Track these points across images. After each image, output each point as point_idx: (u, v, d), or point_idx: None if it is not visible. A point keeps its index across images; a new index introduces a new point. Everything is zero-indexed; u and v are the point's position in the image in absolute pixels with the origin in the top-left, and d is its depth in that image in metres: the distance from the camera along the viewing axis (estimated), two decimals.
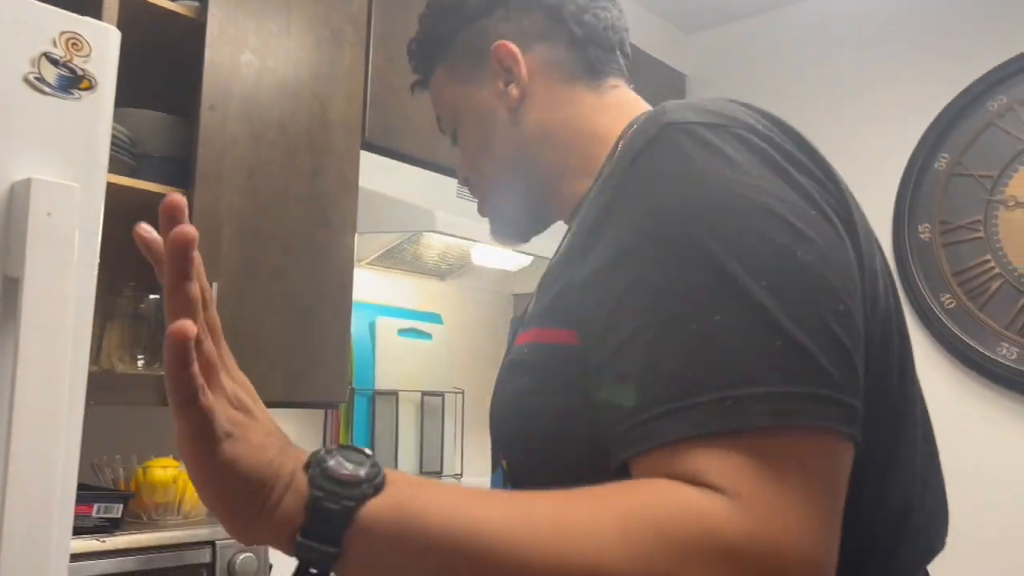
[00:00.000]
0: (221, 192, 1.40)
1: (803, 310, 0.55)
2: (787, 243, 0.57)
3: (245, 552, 1.36)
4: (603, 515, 0.51)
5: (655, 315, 0.56)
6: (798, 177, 0.61)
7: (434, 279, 2.21)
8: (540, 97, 0.82)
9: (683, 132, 0.61)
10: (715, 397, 0.52)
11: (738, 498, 0.50)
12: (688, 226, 0.57)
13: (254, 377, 1.57)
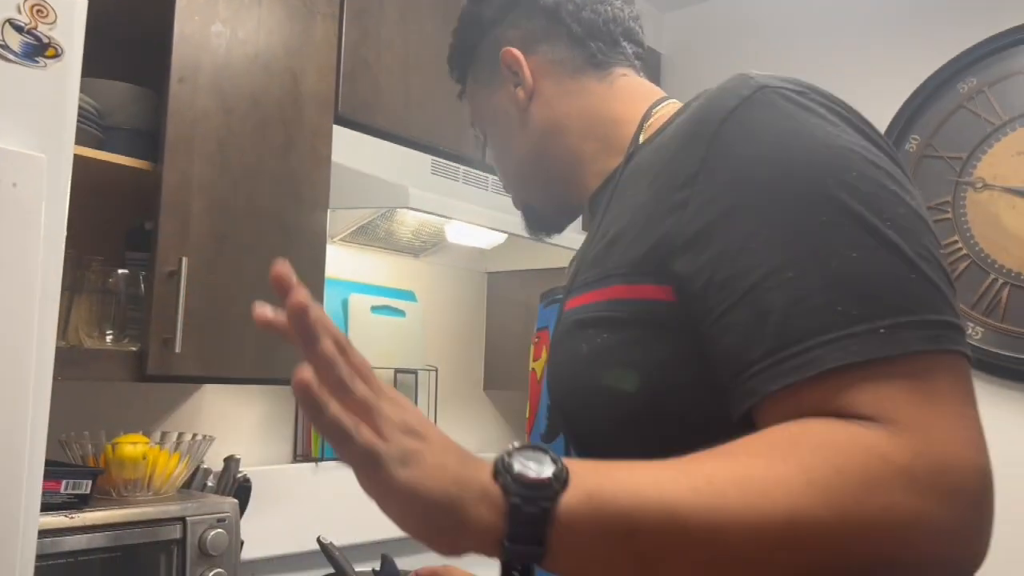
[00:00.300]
0: (191, 166, 1.38)
1: (922, 248, 0.59)
2: (896, 190, 0.61)
3: (216, 528, 1.35)
4: (781, 466, 0.53)
5: (790, 256, 0.58)
6: (884, 145, 0.65)
7: (408, 256, 2.20)
8: (548, 95, 0.87)
9: (777, 94, 0.65)
10: (868, 327, 0.55)
11: (898, 424, 0.53)
12: (808, 172, 0.60)
13: (225, 354, 1.56)
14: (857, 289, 0.57)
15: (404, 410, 0.54)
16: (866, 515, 0.51)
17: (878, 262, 0.57)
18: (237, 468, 1.62)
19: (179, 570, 1.32)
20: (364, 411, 0.52)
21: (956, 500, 0.53)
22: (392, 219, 1.90)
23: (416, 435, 0.53)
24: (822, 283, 0.57)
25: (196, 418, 1.74)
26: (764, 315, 0.58)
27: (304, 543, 1.80)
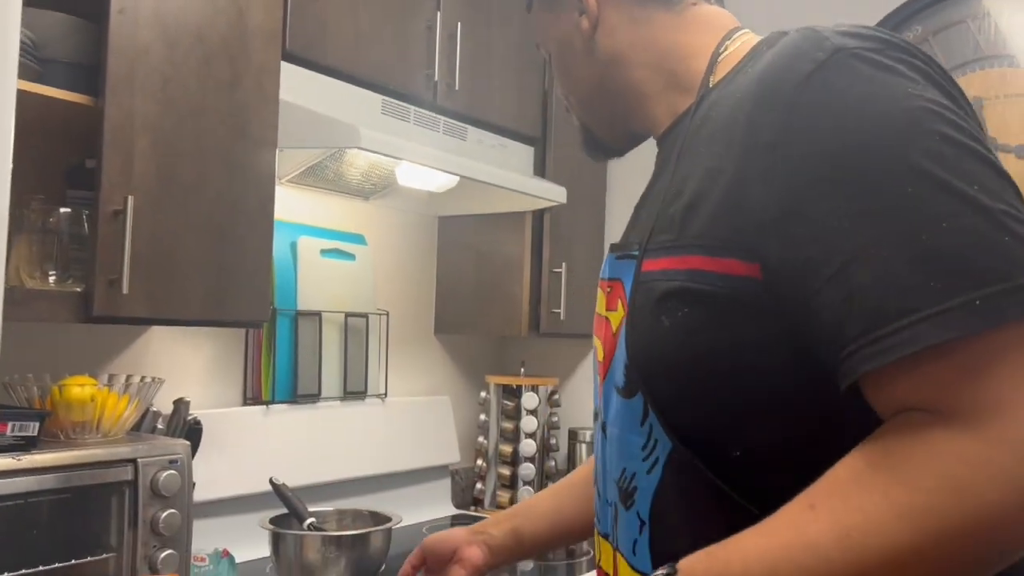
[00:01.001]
0: (134, 103, 1.34)
1: (1011, 208, 0.58)
2: (979, 149, 0.60)
3: (168, 469, 1.35)
4: (867, 498, 0.56)
5: (880, 233, 0.58)
6: (960, 99, 0.65)
7: (358, 199, 2.18)
8: (613, 23, 0.86)
9: (855, 57, 0.63)
10: (964, 299, 0.55)
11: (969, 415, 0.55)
12: (891, 142, 0.60)
13: (172, 295, 1.54)
14: (950, 262, 0.57)
15: None
16: (956, 528, 0.54)
17: (969, 231, 0.57)
18: (187, 411, 1.61)
19: (131, 511, 1.32)
20: None
21: None
22: (342, 160, 1.87)
23: None
24: (914, 258, 0.57)
25: (144, 360, 1.72)
26: (857, 294, 0.58)
27: (255, 485, 1.81)
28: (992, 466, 0.54)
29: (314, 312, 1.99)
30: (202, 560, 1.44)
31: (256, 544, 1.80)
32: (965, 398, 0.56)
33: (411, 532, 2.07)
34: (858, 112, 0.61)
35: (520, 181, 2.00)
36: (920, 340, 0.56)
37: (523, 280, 2.25)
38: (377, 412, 2.13)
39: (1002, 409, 0.55)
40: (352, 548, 1.56)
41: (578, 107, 0.94)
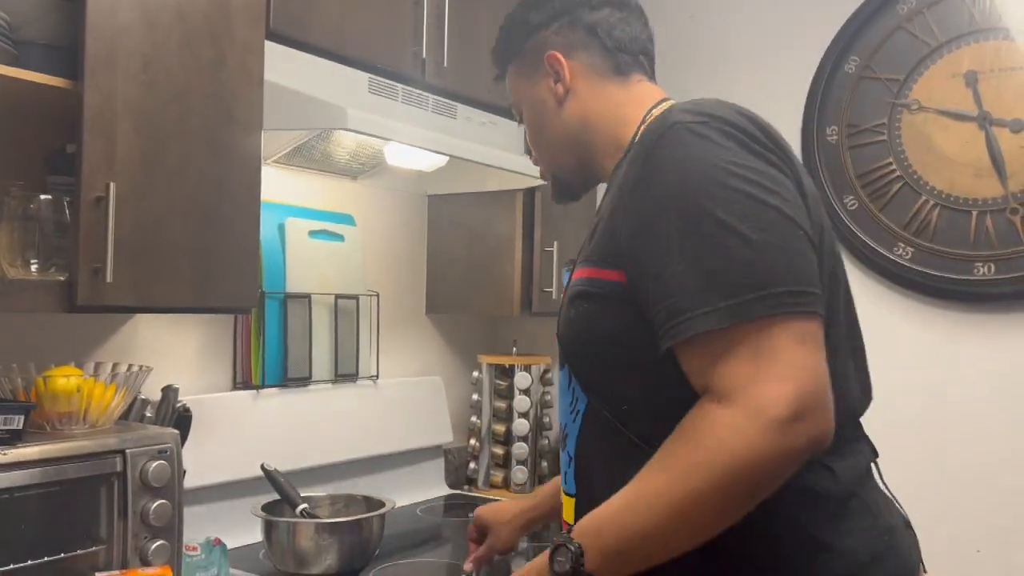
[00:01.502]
0: (114, 85, 1.30)
1: (776, 237, 0.85)
2: (760, 195, 0.86)
3: (157, 460, 1.33)
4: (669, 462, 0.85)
5: (680, 257, 0.86)
6: (765, 154, 0.90)
7: (346, 179, 2.14)
8: (581, 93, 1.13)
9: (683, 128, 0.90)
10: (724, 304, 0.83)
11: (726, 392, 0.82)
12: (691, 192, 0.87)
13: (158, 282, 1.51)
14: (721, 277, 0.84)
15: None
16: (720, 474, 0.80)
17: (737, 257, 0.84)
18: (176, 398, 1.58)
19: (121, 503, 1.30)
20: None
21: (772, 426, 0.79)
22: (329, 140, 1.84)
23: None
24: (699, 274, 0.85)
25: (131, 348, 1.69)
26: (664, 296, 0.87)
27: (247, 470, 1.79)
28: (738, 428, 0.80)
29: (303, 295, 1.96)
30: (194, 550, 1.42)
31: (248, 530, 1.78)
32: (723, 375, 0.83)
33: (405, 513, 2.06)
34: (677, 169, 0.89)
35: (511, 159, 1.97)
36: (693, 329, 0.84)
37: (514, 259, 2.23)
38: (369, 394, 2.11)
39: (745, 384, 0.81)
40: (346, 534, 1.55)
41: (547, 158, 1.20)
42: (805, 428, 0.80)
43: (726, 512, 0.83)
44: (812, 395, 0.81)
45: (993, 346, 1.97)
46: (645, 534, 0.85)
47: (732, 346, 0.82)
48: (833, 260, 0.96)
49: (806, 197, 0.92)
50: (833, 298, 0.94)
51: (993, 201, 1.96)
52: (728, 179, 0.86)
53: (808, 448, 0.81)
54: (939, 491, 2.01)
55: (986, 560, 1.96)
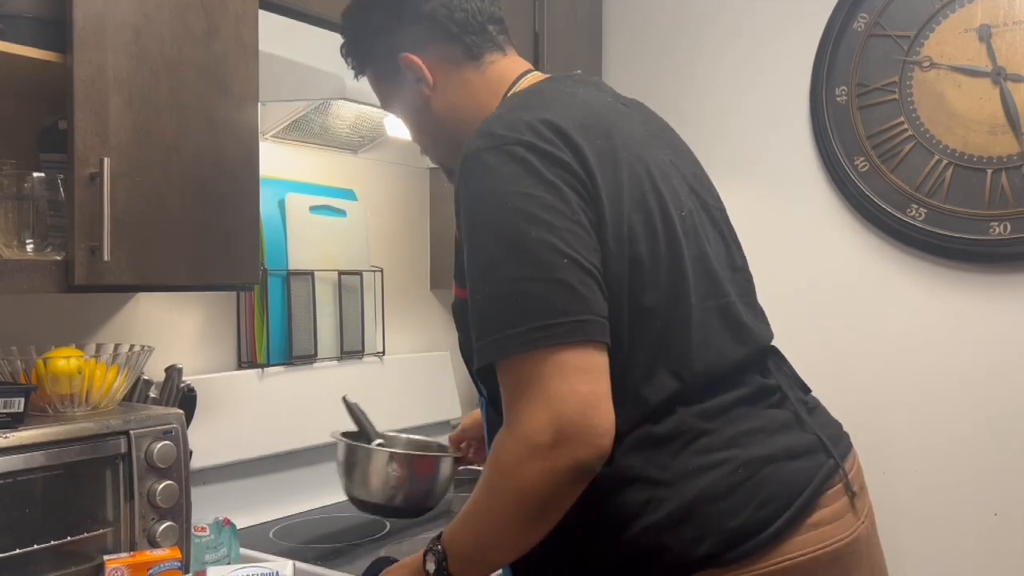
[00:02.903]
0: (104, 57, 1.26)
1: (537, 271, 0.90)
2: (525, 227, 0.91)
3: (163, 440, 1.31)
4: (482, 478, 0.96)
5: (473, 288, 0.94)
6: (546, 173, 0.93)
7: (346, 153, 2.10)
8: (442, 86, 1.14)
9: (474, 158, 0.95)
10: (493, 338, 0.91)
11: (505, 416, 0.92)
12: (476, 235, 0.94)
13: (157, 260, 1.47)
14: (486, 322, 0.92)
15: None
16: (505, 492, 0.91)
17: (499, 294, 0.91)
18: (180, 378, 1.56)
19: (127, 485, 1.28)
20: None
21: (536, 452, 0.88)
22: (327, 112, 1.80)
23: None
24: (477, 317, 0.94)
25: (132, 328, 1.67)
26: (472, 320, 0.95)
27: (254, 449, 1.77)
28: (514, 452, 0.90)
29: (306, 271, 1.93)
30: (203, 530, 1.40)
31: (257, 510, 1.77)
32: (503, 403, 0.92)
33: None
34: (471, 202, 0.96)
35: None
36: (475, 362, 0.94)
37: None
38: (376, 371, 2.09)
39: (514, 413, 0.90)
40: (416, 469, 1.45)
41: (431, 149, 1.24)
42: (568, 451, 0.88)
43: (530, 523, 0.92)
44: (570, 422, 0.87)
45: (1010, 307, 1.93)
46: (480, 544, 0.96)
47: (505, 378, 0.92)
48: (664, 238, 0.98)
49: (600, 201, 0.95)
50: (662, 279, 0.98)
51: (1009, 159, 1.91)
52: (503, 215, 0.92)
53: (574, 467, 0.88)
54: (954, 454, 1.99)
55: (1003, 524, 1.94)
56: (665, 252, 0.98)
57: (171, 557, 1.24)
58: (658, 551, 0.93)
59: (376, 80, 1.21)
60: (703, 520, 0.92)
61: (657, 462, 0.95)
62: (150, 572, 1.22)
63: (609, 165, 0.97)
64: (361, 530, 1.72)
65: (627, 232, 0.96)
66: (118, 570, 1.20)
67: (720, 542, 0.91)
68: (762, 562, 0.91)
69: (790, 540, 0.93)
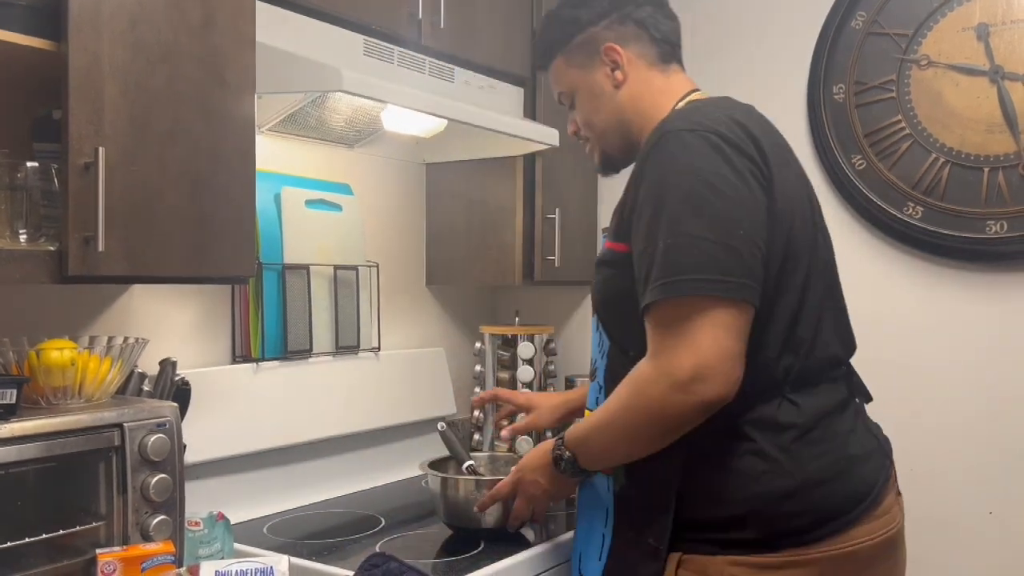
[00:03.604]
0: (100, 46, 1.25)
1: (714, 233, 1.09)
2: (719, 202, 1.11)
3: (156, 433, 1.30)
4: (617, 388, 1.19)
5: (649, 240, 1.12)
6: (736, 161, 1.13)
7: (342, 147, 2.09)
8: (632, 80, 1.34)
9: (674, 135, 1.15)
10: (665, 281, 1.10)
11: (653, 353, 1.12)
12: (664, 194, 1.13)
13: (151, 251, 1.46)
14: (667, 264, 1.10)
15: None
16: (636, 407, 1.14)
17: (682, 244, 1.09)
18: (174, 371, 1.55)
19: (120, 478, 1.27)
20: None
21: (675, 385, 1.08)
22: (324, 106, 1.79)
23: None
24: (656, 260, 1.11)
25: (126, 320, 1.65)
26: (639, 275, 1.14)
27: (249, 444, 1.76)
28: (653, 381, 1.10)
29: (302, 265, 1.92)
30: (196, 525, 1.39)
31: (251, 504, 1.76)
32: (653, 340, 1.12)
33: (411, 484, 2.04)
34: (660, 173, 1.14)
35: (511, 123, 1.93)
36: (644, 300, 1.12)
37: (516, 227, 2.19)
38: (371, 366, 2.08)
39: (663, 349, 1.10)
40: None
41: (597, 137, 1.40)
42: (700, 390, 1.07)
43: (648, 441, 1.16)
44: (710, 367, 1.07)
45: (1006, 305, 1.93)
46: (610, 448, 1.22)
47: (661, 316, 1.11)
48: (807, 236, 1.20)
49: (773, 193, 1.16)
50: (802, 270, 1.18)
51: (1005, 157, 1.91)
52: (700, 185, 1.10)
53: (702, 405, 1.08)
54: (953, 453, 1.99)
55: (996, 523, 1.94)
56: (808, 251, 1.19)
57: (164, 551, 1.23)
58: (755, 515, 1.13)
59: (565, 66, 1.38)
60: (803, 500, 1.13)
61: (777, 443, 1.14)
62: (143, 566, 1.21)
63: (783, 166, 1.19)
64: (356, 526, 1.71)
65: (788, 225, 1.16)
66: (111, 564, 1.19)
67: (811, 521, 1.12)
68: (837, 544, 1.13)
69: (859, 527, 1.14)
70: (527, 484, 1.39)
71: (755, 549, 1.13)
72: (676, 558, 1.17)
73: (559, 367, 2.43)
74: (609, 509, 1.28)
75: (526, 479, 1.39)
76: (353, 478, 2.00)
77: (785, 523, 1.13)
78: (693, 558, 1.17)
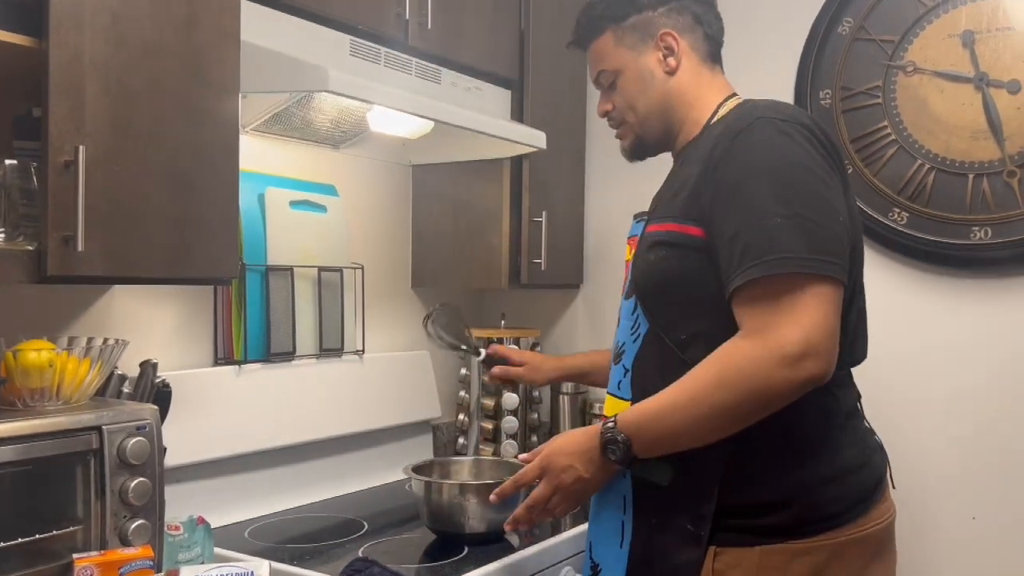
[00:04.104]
0: (82, 42, 1.23)
1: (821, 218, 1.12)
2: (816, 187, 1.13)
3: (136, 436, 1.28)
4: (699, 372, 1.15)
5: (747, 224, 1.12)
6: (824, 156, 1.17)
7: (327, 148, 2.08)
8: (683, 70, 1.34)
9: (768, 122, 1.17)
10: (769, 259, 1.09)
11: (754, 327, 1.11)
12: (766, 174, 1.13)
13: (132, 252, 1.44)
14: (771, 242, 1.10)
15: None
16: (734, 385, 1.10)
17: (785, 227, 1.10)
18: (155, 373, 1.53)
19: (98, 482, 1.25)
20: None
21: (783, 361, 1.07)
22: (309, 106, 1.77)
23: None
24: (758, 238, 1.11)
25: (106, 322, 1.63)
26: (731, 255, 1.13)
27: (229, 447, 1.74)
28: (757, 357, 1.09)
29: (285, 267, 1.90)
30: (176, 529, 1.37)
31: (232, 508, 1.74)
32: (756, 316, 1.11)
33: (395, 489, 2.02)
34: (758, 156, 1.15)
35: (498, 125, 1.92)
36: (741, 281, 1.11)
37: (502, 230, 2.18)
38: (355, 369, 2.06)
39: (769, 325, 1.09)
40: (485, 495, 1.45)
41: (637, 121, 1.37)
42: (808, 366, 1.07)
43: (740, 420, 1.12)
44: (817, 343, 1.08)
45: (991, 311, 1.94)
46: (678, 432, 1.15)
47: (766, 292, 1.10)
48: (856, 238, 1.22)
49: (847, 189, 1.21)
50: (855, 270, 1.21)
51: (990, 164, 1.92)
52: (799, 170, 1.13)
53: (808, 381, 1.08)
54: (936, 455, 1.99)
55: (980, 527, 1.95)
56: (860, 256, 1.24)
57: (143, 556, 1.21)
58: (796, 499, 1.16)
59: (613, 43, 1.35)
60: (841, 486, 1.19)
61: (821, 431, 1.19)
62: (121, 571, 1.18)
63: (843, 169, 1.22)
64: (337, 530, 1.69)
65: (851, 224, 1.19)
66: (88, 568, 1.17)
67: (845, 506, 1.18)
68: (859, 526, 1.19)
69: (875, 510, 1.22)
70: (558, 470, 1.23)
71: (789, 535, 1.15)
72: (712, 551, 1.17)
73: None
74: (628, 496, 1.25)
75: (558, 464, 1.23)
76: (336, 482, 1.98)
77: (824, 507, 1.17)
78: (727, 551, 1.17)
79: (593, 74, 1.41)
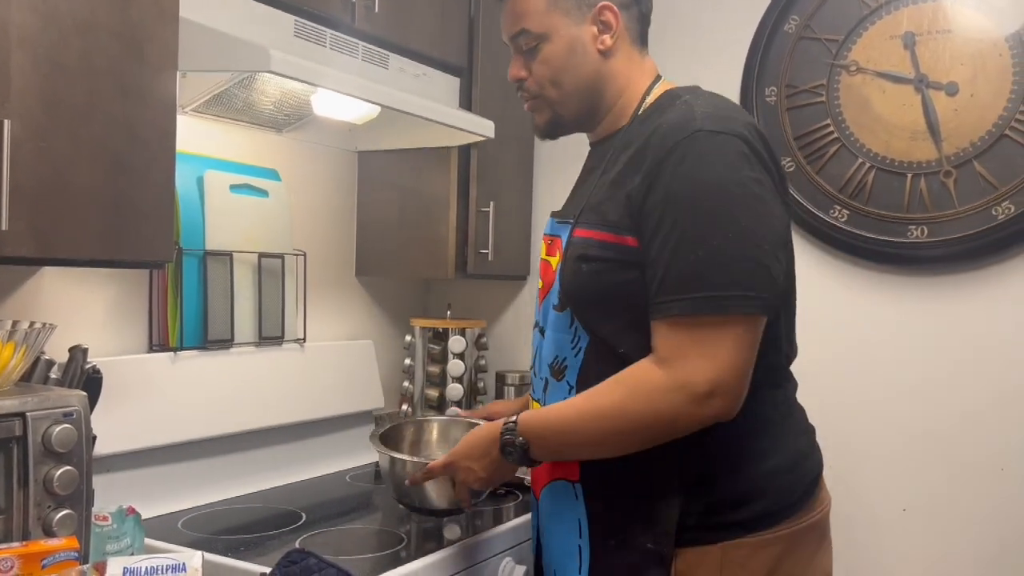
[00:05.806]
0: (8, 13, 1.18)
1: (750, 247, 1.08)
2: (749, 208, 1.10)
3: (62, 423, 1.23)
4: (608, 390, 1.14)
5: (677, 246, 1.09)
6: (757, 165, 1.12)
7: (270, 131, 2.03)
8: (617, 50, 1.25)
9: (705, 136, 1.10)
10: (690, 296, 1.08)
11: (669, 359, 1.10)
12: (699, 198, 1.09)
13: (61, 232, 1.39)
14: (696, 278, 1.08)
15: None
16: (634, 411, 1.11)
17: (710, 262, 1.07)
18: (85, 359, 1.48)
19: (21, 470, 1.20)
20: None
21: (692, 398, 1.08)
22: (251, 87, 1.73)
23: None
24: (683, 271, 1.08)
25: (35, 306, 1.57)
26: (655, 278, 1.11)
27: (163, 436, 1.70)
28: (666, 390, 1.09)
29: (224, 252, 1.86)
30: (104, 519, 1.33)
31: (165, 499, 1.70)
32: (670, 346, 1.10)
33: (335, 480, 1.99)
34: (692, 176, 1.10)
35: (446, 113, 1.90)
36: (668, 311, 1.09)
37: (449, 219, 2.16)
38: (296, 358, 2.03)
39: (681, 357, 1.08)
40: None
41: (558, 96, 1.27)
42: (715, 404, 1.08)
43: (641, 444, 1.13)
44: (727, 382, 1.08)
45: (927, 309, 1.98)
46: (578, 445, 1.17)
47: (686, 326, 1.09)
48: (790, 238, 1.21)
49: (788, 198, 1.20)
50: (792, 275, 1.22)
51: (928, 164, 1.96)
52: (733, 190, 1.09)
53: (713, 418, 1.10)
54: (870, 450, 2.03)
55: (911, 519, 2.00)
56: (790, 255, 1.22)
57: (67, 547, 1.17)
58: (761, 491, 1.16)
59: (547, 5, 1.23)
60: (798, 473, 1.21)
61: (773, 424, 1.20)
62: (43, 563, 1.14)
63: (780, 172, 1.19)
64: (275, 521, 1.66)
65: (788, 234, 1.19)
66: (8, 560, 1.13)
67: (802, 494, 1.20)
68: (809, 514, 1.20)
69: (822, 494, 1.25)
70: (461, 470, 1.31)
71: (751, 529, 1.15)
72: (672, 553, 1.16)
73: (490, 362, 2.41)
74: (582, 520, 1.23)
75: (460, 465, 1.30)
76: (275, 473, 1.94)
77: (785, 497, 1.18)
78: (688, 551, 1.15)
79: (510, 31, 1.28)
